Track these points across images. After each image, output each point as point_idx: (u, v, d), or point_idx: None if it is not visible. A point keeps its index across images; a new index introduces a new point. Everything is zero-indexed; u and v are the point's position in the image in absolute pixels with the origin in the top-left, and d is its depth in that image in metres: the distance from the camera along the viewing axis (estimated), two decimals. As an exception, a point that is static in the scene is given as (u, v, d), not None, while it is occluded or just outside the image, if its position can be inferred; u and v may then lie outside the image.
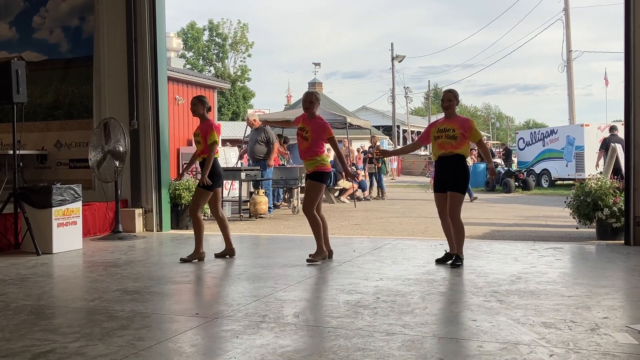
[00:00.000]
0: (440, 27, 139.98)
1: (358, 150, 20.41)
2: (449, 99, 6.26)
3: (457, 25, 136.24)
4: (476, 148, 18.27)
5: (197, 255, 6.73)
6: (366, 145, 23.97)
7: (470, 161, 15.82)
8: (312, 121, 6.60)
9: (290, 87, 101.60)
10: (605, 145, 15.43)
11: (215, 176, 6.72)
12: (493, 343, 3.64)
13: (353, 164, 17.76)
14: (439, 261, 6.36)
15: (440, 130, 6.22)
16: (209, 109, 6.89)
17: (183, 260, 6.64)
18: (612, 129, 15.93)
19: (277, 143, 12.81)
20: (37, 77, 9.97)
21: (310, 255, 6.52)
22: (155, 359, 3.50)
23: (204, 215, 10.23)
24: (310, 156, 6.55)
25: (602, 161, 15.33)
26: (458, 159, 6.16)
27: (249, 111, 12.15)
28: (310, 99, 6.63)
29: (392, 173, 32.23)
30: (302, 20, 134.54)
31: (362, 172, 18.14)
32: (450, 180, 6.17)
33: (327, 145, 6.75)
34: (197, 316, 4.40)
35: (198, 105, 6.79)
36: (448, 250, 6.40)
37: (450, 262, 6.25)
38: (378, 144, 18.93)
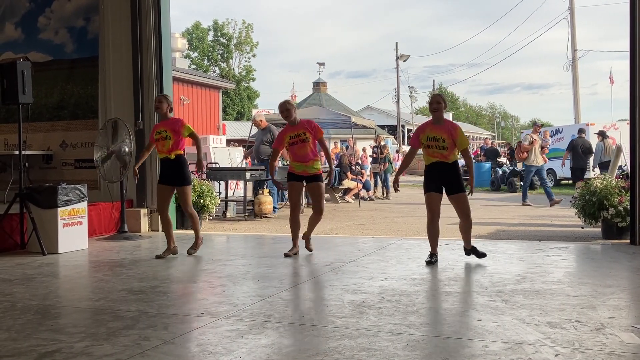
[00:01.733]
0: (445, 27, 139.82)
1: (364, 150, 20.40)
2: (437, 102, 6.34)
3: (461, 24, 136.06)
4: (546, 147, 17.71)
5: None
6: (370, 145, 23.92)
7: (540, 161, 14.60)
8: (300, 125, 6.90)
9: (295, 86, 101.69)
10: (571, 147, 16.50)
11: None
12: (498, 343, 3.64)
13: (358, 164, 17.76)
14: (429, 263, 6.30)
15: (430, 138, 6.28)
16: (172, 109, 7.19)
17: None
18: (580, 131, 17.15)
19: None
20: (42, 78, 9.99)
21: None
22: (161, 358, 3.51)
23: (209, 215, 10.28)
24: (313, 159, 6.88)
25: (567, 161, 16.63)
26: (452, 164, 6.33)
27: (254, 111, 12.14)
28: (286, 107, 6.93)
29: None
30: (306, 20, 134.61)
31: (366, 172, 18.13)
32: (454, 184, 6.30)
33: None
34: (202, 316, 4.41)
35: (164, 103, 7.04)
36: (431, 251, 6.41)
37: (476, 255, 6.43)
38: (383, 143, 18.91)
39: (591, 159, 16.30)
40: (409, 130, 53.95)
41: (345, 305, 4.60)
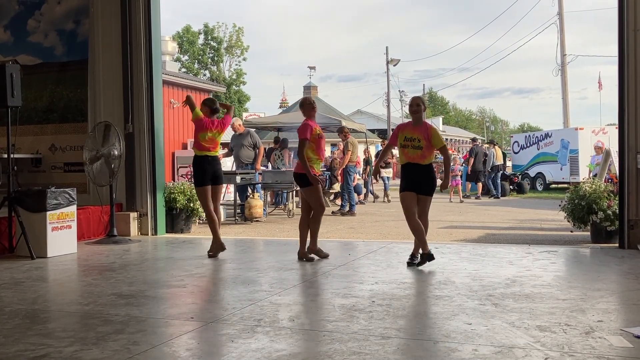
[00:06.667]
0: (435, 31, 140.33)
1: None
2: (417, 104, 6.49)
3: (452, 29, 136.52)
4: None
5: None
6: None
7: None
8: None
9: (286, 90, 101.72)
10: (474, 152, 18.92)
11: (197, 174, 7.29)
12: (488, 346, 3.65)
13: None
14: (419, 264, 6.33)
15: (407, 138, 6.39)
16: (215, 110, 7.50)
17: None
18: (474, 140, 20.21)
19: (262, 147, 12.90)
20: (31, 81, 9.94)
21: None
22: (150, 363, 3.49)
23: (199, 219, 10.24)
24: None
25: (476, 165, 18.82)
26: (428, 168, 6.43)
27: (233, 119, 12.31)
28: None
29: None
30: (297, 23, 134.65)
31: (358, 176, 18.14)
32: (426, 186, 6.43)
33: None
34: (192, 320, 4.40)
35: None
36: (421, 252, 6.38)
37: (417, 262, 6.35)
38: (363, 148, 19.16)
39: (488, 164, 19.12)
40: (399, 134, 54.03)
41: (335, 309, 4.60)
